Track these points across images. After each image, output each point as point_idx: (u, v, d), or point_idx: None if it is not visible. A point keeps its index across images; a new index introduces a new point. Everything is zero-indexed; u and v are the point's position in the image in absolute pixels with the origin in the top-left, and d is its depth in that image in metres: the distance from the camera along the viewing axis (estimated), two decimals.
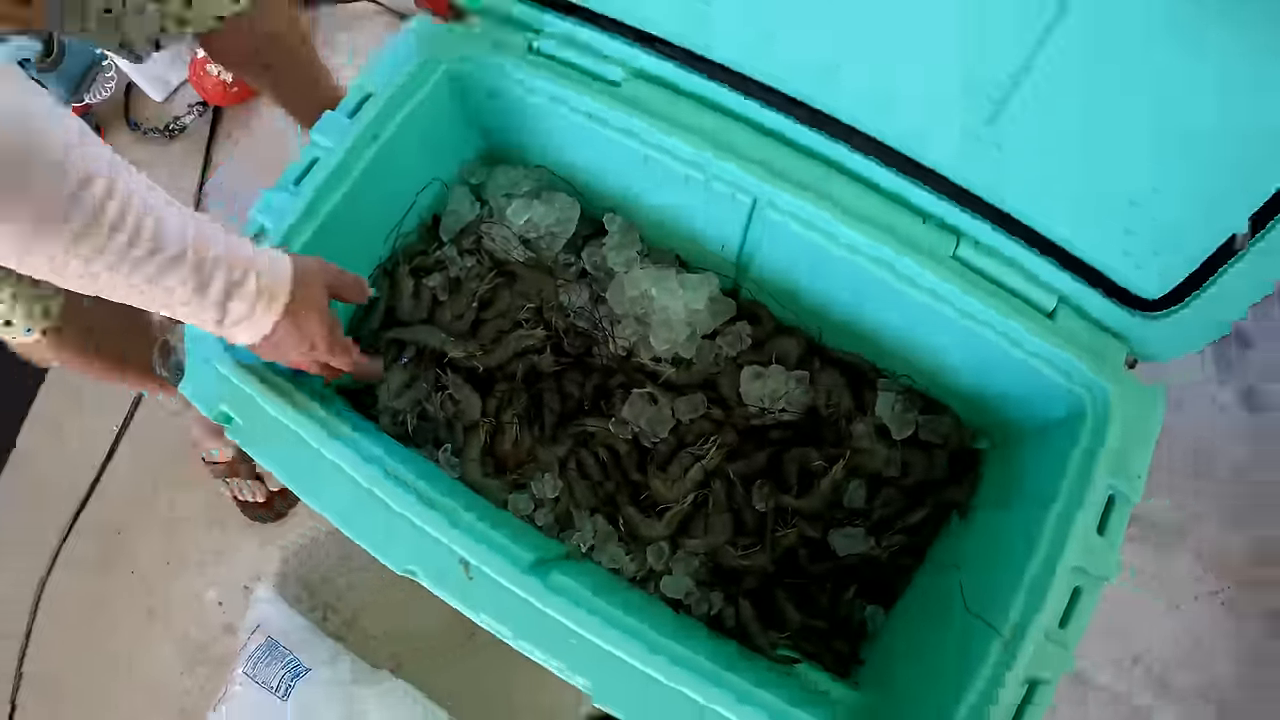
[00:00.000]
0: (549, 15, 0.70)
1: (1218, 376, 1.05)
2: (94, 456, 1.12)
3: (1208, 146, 0.51)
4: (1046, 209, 0.60)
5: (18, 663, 1.04)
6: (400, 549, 0.56)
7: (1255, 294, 0.55)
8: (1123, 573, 0.56)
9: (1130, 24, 0.48)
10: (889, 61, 0.58)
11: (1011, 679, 0.53)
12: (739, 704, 0.53)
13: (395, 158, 0.70)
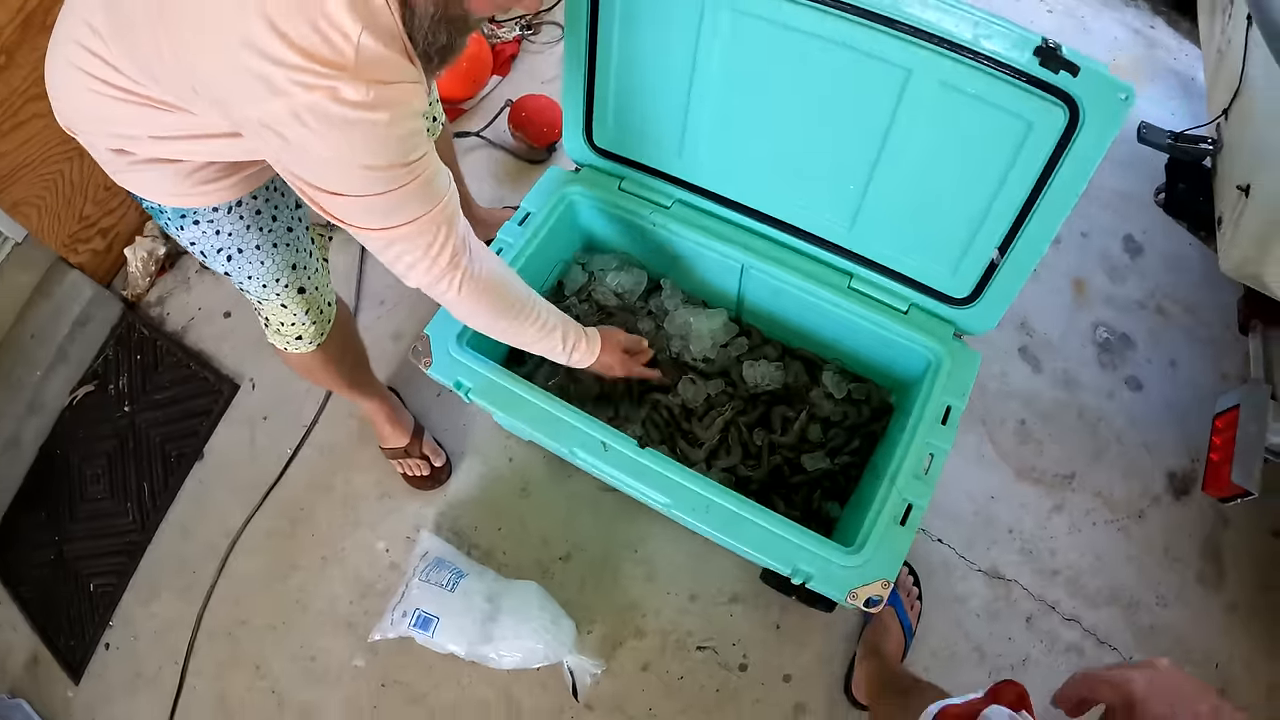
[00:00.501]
0: (628, 169, 1.12)
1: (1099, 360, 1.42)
2: (279, 456, 1.39)
3: (979, 212, 0.87)
4: (895, 255, 0.98)
5: (199, 612, 1.31)
6: (568, 440, 0.92)
7: (1012, 290, 0.91)
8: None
9: (918, 153, 0.86)
10: (801, 188, 0.98)
11: (894, 498, 0.87)
12: (759, 511, 0.88)
13: (543, 248, 1.12)
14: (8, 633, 1.38)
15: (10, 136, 1.40)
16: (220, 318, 1.59)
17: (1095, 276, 1.47)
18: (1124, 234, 1.52)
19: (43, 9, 1.38)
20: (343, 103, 0.59)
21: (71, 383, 1.56)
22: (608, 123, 1.08)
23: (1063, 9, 1.91)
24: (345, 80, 0.58)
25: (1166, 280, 1.47)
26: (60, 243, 1.55)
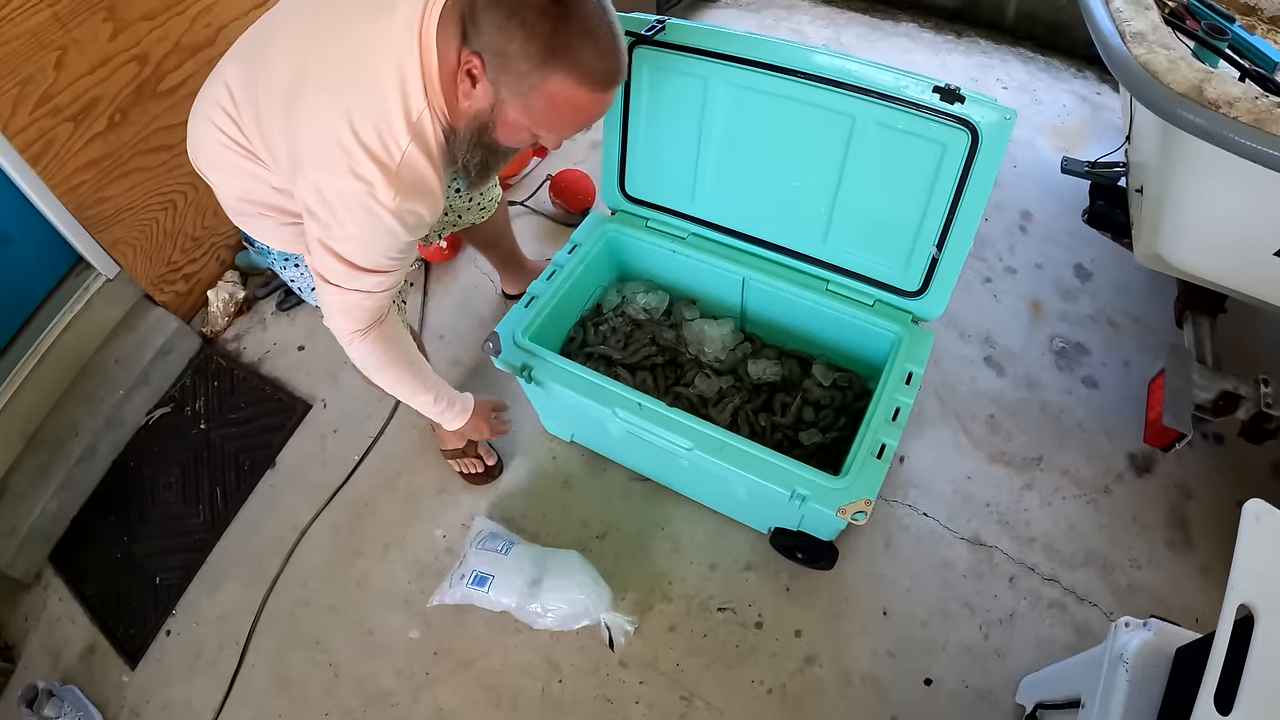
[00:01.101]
0: (652, 211, 1.59)
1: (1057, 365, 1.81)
2: (347, 463, 1.76)
3: (917, 218, 1.31)
4: (859, 260, 1.41)
5: (263, 598, 1.61)
6: (611, 403, 1.32)
7: (951, 278, 1.32)
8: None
9: (867, 178, 1.33)
10: (784, 215, 1.44)
11: (870, 439, 1.24)
12: (765, 450, 1.25)
13: (586, 272, 1.58)
14: (66, 626, 1.70)
15: (118, 183, 1.89)
16: (294, 350, 2.04)
17: (1050, 299, 1.92)
18: (1075, 263, 1.99)
19: (155, 79, 1.91)
20: (376, 200, 0.92)
21: (149, 404, 1.96)
22: (637, 176, 1.58)
23: (1017, 85, 2.50)
24: (384, 183, 0.91)
25: (1115, 299, 1.91)
26: (149, 282, 2.02)
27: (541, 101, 0.89)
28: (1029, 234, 2.06)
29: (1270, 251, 1.22)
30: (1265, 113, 1.04)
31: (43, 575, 1.78)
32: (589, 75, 0.88)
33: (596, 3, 0.88)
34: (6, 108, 1.63)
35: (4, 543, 1.73)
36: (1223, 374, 1.44)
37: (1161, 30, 1.19)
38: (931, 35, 2.72)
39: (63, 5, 1.66)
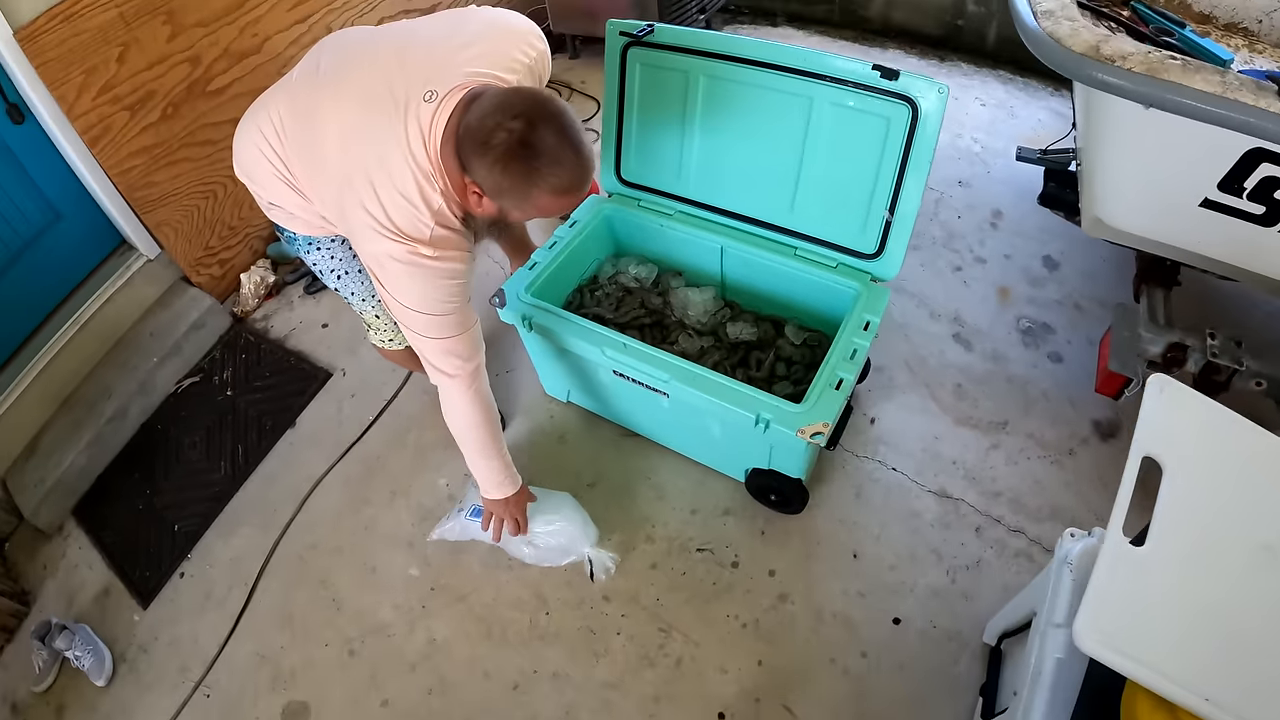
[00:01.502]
0: (643, 193, 1.82)
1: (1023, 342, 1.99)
2: (361, 422, 1.98)
3: (870, 186, 1.53)
4: (822, 227, 1.63)
5: (274, 542, 1.79)
6: (600, 344, 1.52)
7: (903, 240, 1.53)
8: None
9: (825, 152, 1.56)
10: (755, 189, 1.67)
11: (829, 373, 1.43)
12: (734, 381, 1.44)
13: (584, 245, 1.81)
14: (83, 571, 1.89)
15: (165, 170, 2.17)
16: (318, 328, 2.29)
17: (1018, 285, 2.11)
18: (1043, 254, 2.19)
19: (205, 79, 2.20)
20: (420, 255, 1.18)
21: (180, 374, 2.19)
22: (630, 162, 1.83)
23: (995, 102, 2.74)
24: (424, 247, 1.18)
25: (1081, 285, 2.10)
26: (187, 264, 2.27)
27: (532, 209, 1.17)
28: (999, 229, 2.27)
29: (1195, 203, 1.40)
30: (1157, 63, 1.25)
31: (64, 526, 1.99)
32: (562, 188, 1.12)
33: (558, 130, 1.08)
34: (72, 92, 1.93)
35: (31, 493, 1.94)
36: (1170, 328, 1.60)
37: (1069, 7, 1.42)
38: (917, 60, 3.00)
39: (129, 6, 1.98)
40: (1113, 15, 1.74)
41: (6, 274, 2.04)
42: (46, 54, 1.85)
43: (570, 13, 3.12)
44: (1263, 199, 1.34)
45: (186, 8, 2.10)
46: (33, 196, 2.05)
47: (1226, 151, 1.31)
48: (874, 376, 1.91)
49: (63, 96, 1.91)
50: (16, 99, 1.91)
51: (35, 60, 1.84)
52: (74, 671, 1.69)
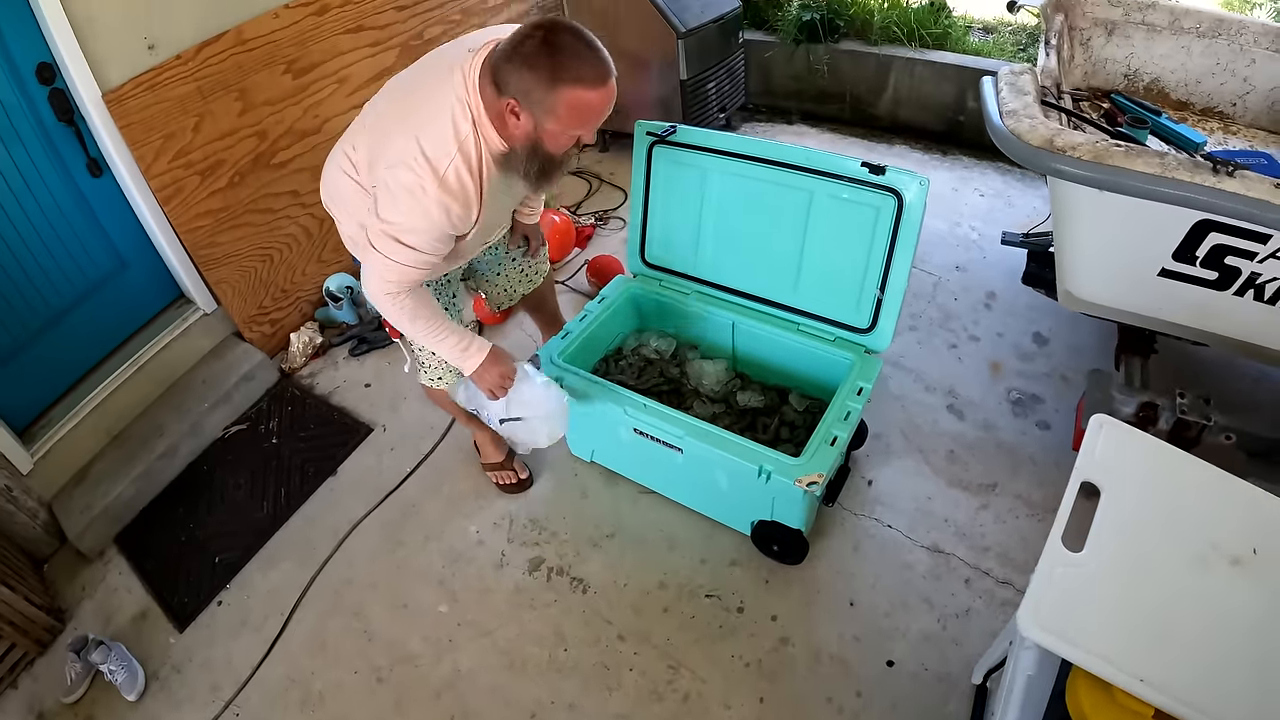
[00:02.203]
0: (665, 275, 2.15)
1: (1013, 412, 2.30)
2: (400, 473, 2.24)
3: (863, 268, 1.84)
4: (821, 305, 1.94)
5: (312, 576, 2.03)
6: (622, 402, 1.82)
7: (893, 315, 1.84)
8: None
9: (824, 239, 1.88)
10: (763, 271, 1.99)
11: (825, 431, 1.71)
12: (740, 438, 1.72)
13: (610, 320, 2.14)
14: (121, 595, 2.13)
15: (229, 233, 2.51)
16: (361, 387, 2.61)
17: (1009, 360, 2.40)
18: (1033, 331, 2.48)
19: (270, 153, 2.57)
20: (424, 190, 1.38)
21: (229, 420, 2.48)
22: (653, 247, 2.17)
23: (993, 192, 3.09)
24: (431, 180, 1.37)
25: (1069, 359, 2.38)
26: (241, 320, 2.59)
27: (564, 110, 1.33)
28: (993, 310, 2.57)
29: (1154, 273, 1.69)
30: (1104, 151, 1.57)
31: (106, 553, 2.24)
32: (587, 80, 1.31)
33: (576, 33, 1.30)
34: (150, 154, 2.29)
35: (78, 518, 2.20)
36: (1142, 390, 1.87)
37: (1030, 107, 1.75)
38: (920, 155, 3.38)
39: (206, 82, 2.36)
40: (1081, 115, 2.06)
41: (72, 312, 2.36)
42: (130, 117, 2.21)
43: None
44: (1214, 265, 1.62)
45: (257, 87, 2.49)
46: (103, 244, 2.40)
47: (1176, 225, 1.59)
48: (872, 443, 2.17)
49: (141, 157, 2.26)
50: (97, 154, 2.27)
51: (120, 121, 2.19)
52: (105, 685, 1.90)
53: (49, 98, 2.13)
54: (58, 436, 2.31)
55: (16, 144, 2.11)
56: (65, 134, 2.19)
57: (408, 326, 1.61)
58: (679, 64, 3.15)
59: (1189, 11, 2.37)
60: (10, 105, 2.07)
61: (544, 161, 1.44)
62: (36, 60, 2.08)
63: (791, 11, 3.59)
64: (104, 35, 2.14)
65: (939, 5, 3.49)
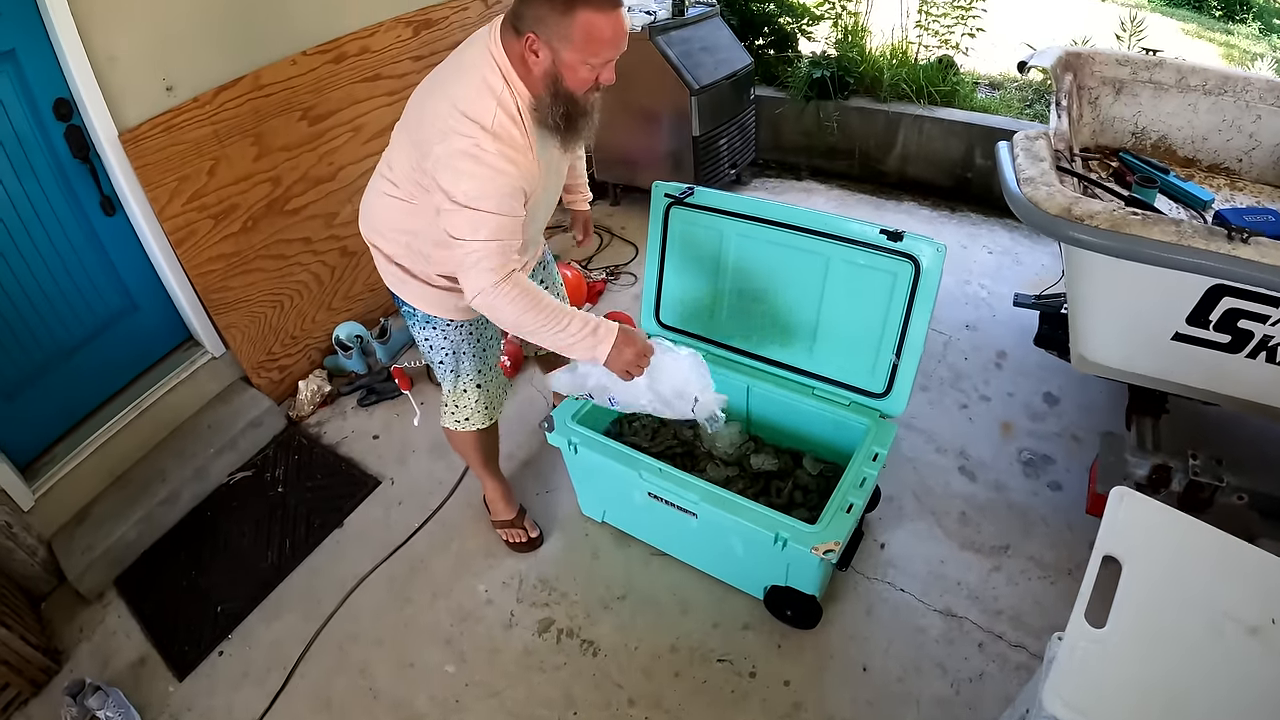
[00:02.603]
0: (680, 335, 2.20)
1: (1024, 473, 2.38)
2: (408, 528, 2.26)
3: (878, 334, 1.90)
4: (837, 369, 2.00)
5: (316, 630, 2.03)
6: (637, 466, 1.86)
7: (908, 381, 1.90)
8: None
9: (840, 303, 1.94)
10: (779, 335, 2.05)
11: (841, 498, 1.75)
12: (756, 504, 1.76)
13: None
14: (120, 639, 2.13)
15: (240, 277, 2.56)
16: (369, 438, 2.64)
17: (1020, 420, 2.45)
18: (1044, 391, 2.54)
19: (283, 199, 2.64)
20: (480, 148, 1.41)
21: (234, 466, 2.51)
22: (668, 307, 2.24)
23: (1001, 249, 3.18)
24: (484, 135, 1.41)
25: (1080, 419, 2.44)
26: (249, 365, 2.63)
27: (579, 35, 1.39)
28: (1003, 369, 2.63)
29: (1168, 337, 1.75)
30: (1121, 219, 1.63)
31: (105, 595, 2.25)
32: (598, 3, 1.37)
33: None
34: (165, 195, 2.34)
35: (78, 558, 2.22)
36: (1155, 451, 1.92)
37: (1048, 175, 1.82)
38: (929, 211, 3.48)
39: (222, 126, 2.43)
40: (1094, 180, 2.14)
41: (80, 350, 2.40)
42: (146, 157, 2.27)
43: (613, 163, 3.67)
44: (1228, 329, 1.69)
45: (274, 132, 2.56)
46: (113, 283, 2.44)
47: (1190, 290, 1.66)
48: (884, 505, 2.22)
49: (155, 198, 2.32)
50: (111, 193, 2.33)
51: (135, 162, 2.25)
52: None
53: (65, 134, 2.19)
54: (60, 474, 2.34)
55: (31, 179, 2.16)
56: (80, 171, 2.25)
57: (531, 320, 1.55)
58: (692, 120, 3.26)
59: (1195, 69, 2.46)
60: (27, 139, 2.12)
61: (567, 104, 1.49)
62: (55, 95, 2.14)
63: (802, 68, 3.72)
64: (123, 74, 2.21)
65: (947, 63, 3.62)
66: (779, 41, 4.07)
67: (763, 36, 4.10)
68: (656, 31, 3.22)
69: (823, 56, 3.79)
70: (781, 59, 3.96)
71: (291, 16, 2.58)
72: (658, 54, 3.21)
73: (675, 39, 3.27)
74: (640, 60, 3.21)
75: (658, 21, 3.25)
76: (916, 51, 3.72)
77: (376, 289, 3.06)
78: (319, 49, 2.66)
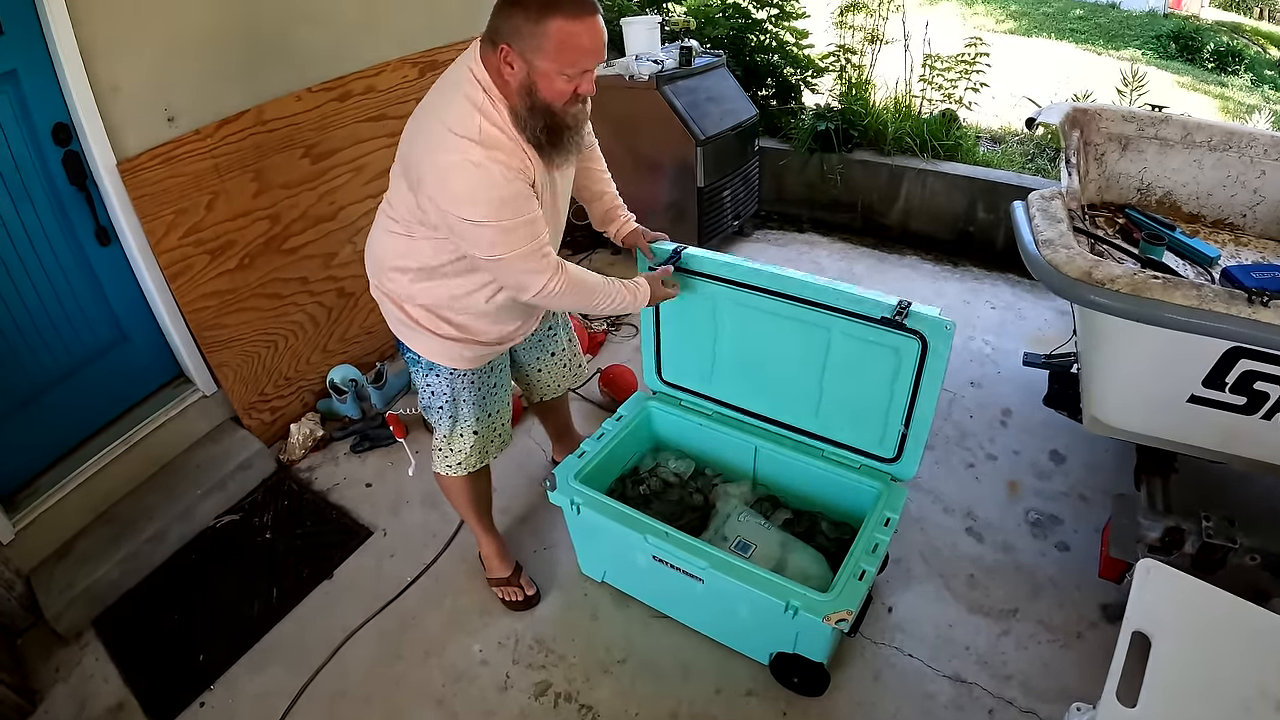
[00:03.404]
0: (683, 394, 2.22)
1: (1032, 533, 2.37)
2: (400, 582, 2.21)
3: (885, 404, 1.90)
4: (846, 433, 2.00)
5: (303, 685, 1.97)
6: (642, 529, 1.83)
7: (919, 449, 1.90)
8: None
9: (843, 373, 1.93)
10: (783, 398, 2.05)
11: (853, 565, 1.74)
12: (765, 571, 1.77)
13: (628, 439, 2.19)
14: (98, 683, 2.07)
15: (234, 315, 2.54)
16: (362, 486, 2.60)
17: (1027, 479, 2.45)
18: (1050, 449, 2.55)
19: (281, 237, 2.63)
20: (470, 160, 1.40)
21: (221, 509, 2.47)
22: (669, 365, 2.24)
23: (1003, 304, 3.21)
24: (472, 146, 1.41)
25: (1087, 477, 2.44)
26: (241, 406, 2.60)
27: (551, 44, 1.39)
28: (1009, 427, 2.64)
29: (1184, 400, 1.76)
30: (1142, 283, 1.64)
31: (84, 635, 2.19)
32: (571, 10, 1.38)
33: None
34: (161, 228, 2.33)
35: (57, 596, 2.16)
36: (1167, 514, 1.92)
37: (1066, 237, 1.84)
38: (931, 266, 3.51)
39: (223, 160, 2.43)
40: (1109, 240, 2.16)
41: (67, 380, 2.36)
42: (143, 189, 2.26)
43: None
44: (1243, 391, 1.69)
45: (275, 169, 2.56)
46: (104, 315, 2.42)
47: (1207, 353, 1.66)
48: (892, 568, 2.20)
49: (152, 230, 2.31)
50: (107, 222, 2.32)
51: (133, 192, 2.24)
52: None
53: (63, 159, 2.18)
54: (43, 508, 2.29)
55: (26, 202, 2.14)
56: (76, 198, 2.24)
57: (587, 302, 1.73)
58: (696, 171, 3.30)
59: (1201, 125, 2.51)
60: (23, 162, 2.11)
61: (545, 116, 1.48)
62: (54, 120, 2.14)
63: (806, 121, 3.79)
64: (125, 103, 2.21)
65: (950, 116, 3.69)
66: (783, 93, 4.15)
67: (766, 87, 4.17)
68: (664, 81, 3.27)
69: (827, 109, 3.85)
70: (785, 110, 4.02)
71: (297, 52, 2.61)
72: (665, 104, 3.25)
73: (682, 89, 3.32)
74: (647, 110, 3.26)
75: (665, 71, 3.30)
76: (920, 105, 3.79)
77: (374, 332, 3.04)
78: (324, 86, 2.68)
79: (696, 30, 3.83)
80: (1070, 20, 9.27)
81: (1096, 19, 9.42)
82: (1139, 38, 8.60)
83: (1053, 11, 9.66)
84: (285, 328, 2.69)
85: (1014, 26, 9.11)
